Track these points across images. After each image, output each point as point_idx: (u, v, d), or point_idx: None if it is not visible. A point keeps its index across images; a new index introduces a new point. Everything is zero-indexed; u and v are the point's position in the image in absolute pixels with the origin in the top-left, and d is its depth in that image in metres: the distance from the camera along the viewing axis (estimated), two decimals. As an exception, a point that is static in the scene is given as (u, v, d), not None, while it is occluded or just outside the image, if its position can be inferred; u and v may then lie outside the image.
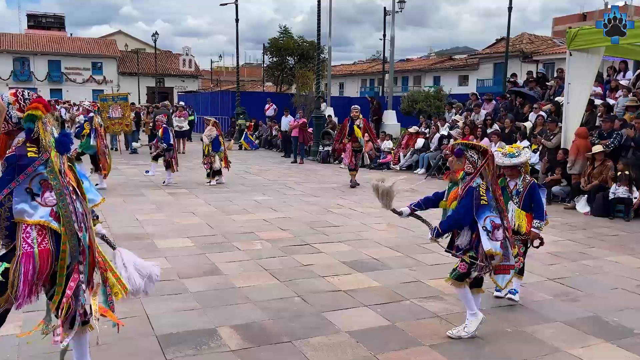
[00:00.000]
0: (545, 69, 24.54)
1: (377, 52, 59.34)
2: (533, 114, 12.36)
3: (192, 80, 56.02)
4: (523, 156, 4.44)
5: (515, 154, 4.43)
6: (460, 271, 3.91)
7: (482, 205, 3.85)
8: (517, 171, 4.52)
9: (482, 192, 3.86)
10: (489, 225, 3.84)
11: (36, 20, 57.84)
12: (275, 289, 4.90)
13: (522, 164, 4.48)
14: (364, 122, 11.25)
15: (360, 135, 10.95)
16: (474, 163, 3.92)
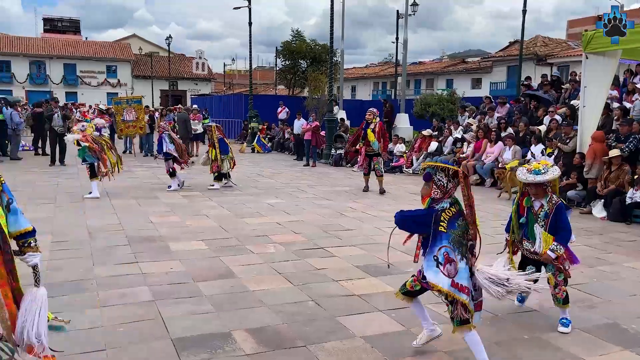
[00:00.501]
0: (560, 72, 24.35)
1: (389, 55, 59.26)
2: (548, 118, 12.25)
3: (205, 84, 56.42)
4: (550, 174, 4.03)
5: (542, 170, 4.03)
6: (408, 288, 3.78)
7: (439, 232, 3.42)
8: (543, 190, 4.08)
9: (443, 217, 3.43)
10: (441, 256, 3.40)
11: (52, 24, 58.63)
12: (289, 293, 4.89)
13: (548, 182, 4.07)
14: (379, 125, 10.88)
15: (372, 139, 10.69)
16: (442, 187, 3.53)
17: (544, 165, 4.10)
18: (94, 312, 4.30)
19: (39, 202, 8.95)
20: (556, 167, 4.14)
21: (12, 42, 50.64)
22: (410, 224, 3.67)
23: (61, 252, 5.97)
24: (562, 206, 4.10)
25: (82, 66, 51.32)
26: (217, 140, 10.87)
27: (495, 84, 38.76)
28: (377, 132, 10.72)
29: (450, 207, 3.49)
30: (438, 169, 3.62)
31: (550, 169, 4.06)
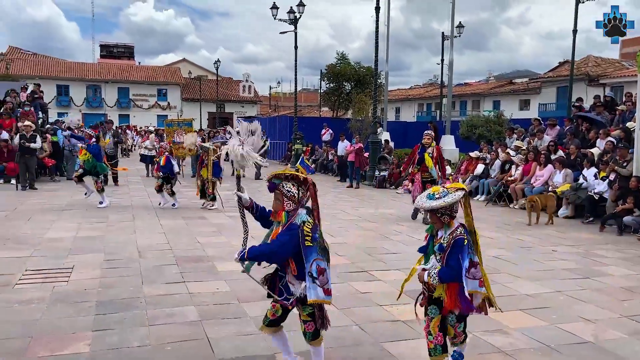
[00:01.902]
0: (614, 93, 23.51)
1: (434, 77, 59.00)
2: (600, 140, 11.83)
3: (251, 106, 57.61)
4: (447, 198, 3.27)
5: (435, 195, 3.33)
6: (270, 317, 3.63)
7: (307, 247, 3.29)
8: (438, 220, 3.35)
9: (307, 231, 3.29)
10: (314, 270, 3.29)
11: (108, 50, 61.59)
12: (333, 317, 4.83)
13: (442, 208, 3.29)
14: (436, 150, 10.06)
15: (431, 164, 9.85)
16: (293, 197, 3.35)
17: (443, 190, 3.38)
18: (143, 330, 4.40)
19: (92, 222, 9.29)
20: (458, 193, 3.30)
21: (71, 67, 53.44)
22: (265, 258, 3.49)
23: (112, 271, 6.16)
24: (460, 242, 3.27)
25: (135, 90, 53.48)
26: (212, 162, 10.90)
27: (544, 105, 37.80)
28: (435, 157, 9.95)
29: (308, 217, 3.38)
30: (284, 178, 3.42)
31: (451, 194, 3.30)
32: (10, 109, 16.20)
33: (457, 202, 3.31)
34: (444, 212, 3.31)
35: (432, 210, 3.34)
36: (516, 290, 5.74)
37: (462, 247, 3.26)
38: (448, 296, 3.35)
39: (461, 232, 3.31)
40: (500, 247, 7.99)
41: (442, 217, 3.33)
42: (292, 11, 24.16)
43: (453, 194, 3.31)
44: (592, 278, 6.30)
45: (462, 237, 3.28)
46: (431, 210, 3.36)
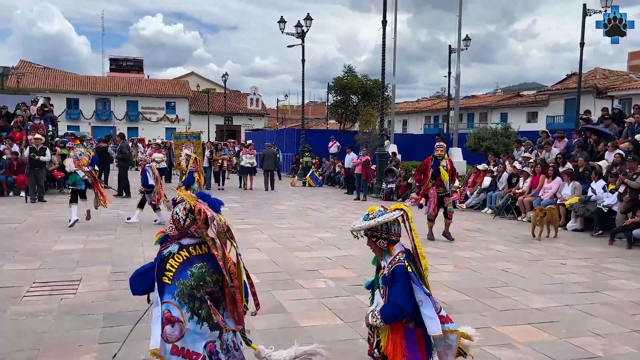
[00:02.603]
0: (622, 105, 23.42)
1: (441, 89, 59.06)
2: (609, 153, 11.77)
3: (259, 119, 57.86)
4: (380, 218, 2.85)
5: (370, 215, 2.91)
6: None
7: (163, 284, 2.69)
8: (374, 245, 2.93)
9: (169, 266, 2.70)
10: (160, 315, 2.67)
11: (117, 64, 62.26)
12: (340, 330, 4.84)
13: (375, 231, 2.88)
14: (449, 162, 9.58)
15: (446, 178, 9.29)
16: (177, 222, 2.84)
17: (380, 210, 2.93)
18: (149, 344, 4.39)
19: (100, 234, 9.33)
20: (393, 213, 2.88)
21: (81, 81, 54.04)
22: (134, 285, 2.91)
23: (119, 283, 6.16)
24: (398, 270, 2.80)
25: (144, 103, 53.92)
26: (187, 171, 10.65)
27: (552, 117, 37.73)
28: (449, 170, 9.44)
29: (181, 250, 2.75)
30: (180, 200, 2.91)
31: (387, 214, 2.87)
32: (20, 122, 16.39)
33: (394, 224, 2.87)
34: (379, 236, 2.87)
35: (367, 233, 2.91)
36: (525, 304, 5.69)
37: (402, 276, 2.77)
38: (391, 343, 2.80)
39: (401, 258, 2.84)
40: (508, 260, 7.94)
41: (378, 241, 2.89)
42: (299, 25, 24.37)
43: (389, 213, 2.88)
44: (601, 292, 6.23)
45: (401, 264, 2.80)
46: (366, 234, 2.92)
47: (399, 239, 2.90)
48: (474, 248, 8.80)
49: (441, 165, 9.31)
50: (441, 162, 9.36)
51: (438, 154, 9.38)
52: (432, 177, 9.35)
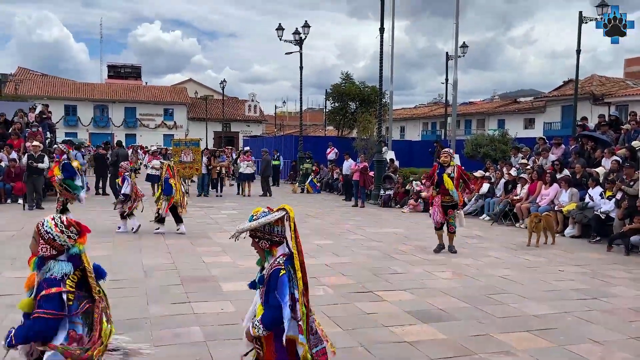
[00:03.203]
0: (619, 112, 23.56)
1: (439, 96, 59.23)
2: (606, 159, 11.82)
3: (257, 125, 57.98)
4: (262, 219, 2.85)
5: (254, 217, 2.90)
6: None
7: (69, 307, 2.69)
8: (257, 245, 2.90)
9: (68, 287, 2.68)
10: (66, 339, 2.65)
11: (116, 71, 62.41)
12: (338, 337, 4.83)
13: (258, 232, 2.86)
14: (458, 170, 8.92)
15: (451, 186, 8.68)
16: (52, 241, 2.72)
17: (265, 210, 2.94)
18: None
19: (99, 241, 9.31)
20: (276, 213, 2.88)
21: (79, 88, 54.11)
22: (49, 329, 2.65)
23: (118, 291, 6.16)
24: (276, 273, 2.77)
25: (142, 109, 54.00)
26: (163, 179, 10.26)
27: (549, 124, 37.87)
28: (456, 178, 8.80)
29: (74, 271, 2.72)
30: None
31: (269, 215, 2.88)
32: (18, 129, 16.39)
33: (277, 225, 2.86)
34: (261, 237, 2.85)
35: (251, 234, 2.88)
36: (523, 311, 5.70)
37: (277, 279, 2.74)
38: (266, 345, 2.79)
39: (280, 261, 2.81)
40: (506, 267, 7.95)
41: (260, 242, 2.87)
42: (297, 32, 24.45)
43: (271, 214, 2.87)
44: (599, 299, 6.25)
45: (278, 268, 2.78)
46: (250, 236, 2.89)
47: (283, 240, 2.90)
48: (472, 255, 8.81)
49: (446, 172, 8.77)
50: (447, 169, 8.82)
51: (442, 160, 8.92)
52: (437, 185, 8.92)
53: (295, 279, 2.78)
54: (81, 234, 2.82)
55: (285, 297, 2.71)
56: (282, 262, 2.80)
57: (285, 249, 2.89)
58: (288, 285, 2.74)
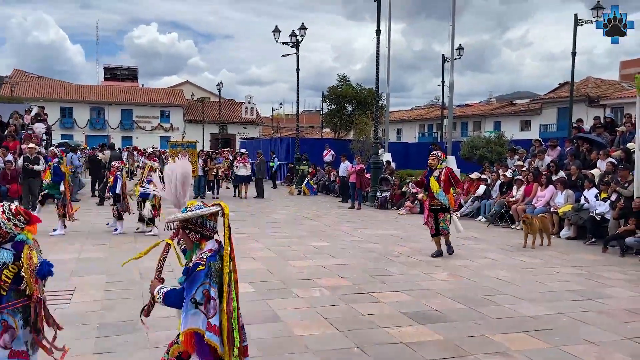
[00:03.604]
0: (614, 114, 23.64)
1: (435, 98, 59.36)
2: (601, 161, 11.87)
3: (254, 127, 57.90)
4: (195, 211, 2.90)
5: (188, 208, 2.94)
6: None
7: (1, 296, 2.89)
8: (187, 237, 2.94)
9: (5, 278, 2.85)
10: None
11: (112, 73, 62.22)
12: (335, 339, 4.84)
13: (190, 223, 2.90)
14: (445, 172, 8.64)
15: (436, 189, 8.51)
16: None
17: (199, 204, 2.98)
18: (144, 353, 4.39)
19: (95, 243, 9.30)
20: (210, 207, 2.93)
21: (75, 90, 53.97)
22: None
23: (114, 293, 6.16)
24: (194, 267, 2.80)
25: (138, 112, 53.86)
26: (144, 181, 10.22)
27: (545, 126, 37.98)
28: (443, 180, 8.56)
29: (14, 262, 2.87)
30: None
31: (204, 208, 2.91)
32: (14, 131, 16.34)
33: (210, 220, 2.90)
34: (192, 229, 2.89)
35: (182, 225, 2.92)
36: (518, 312, 5.71)
37: (194, 273, 2.76)
38: (183, 332, 2.79)
39: (204, 256, 2.82)
40: (502, 268, 7.97)
41: (191, 234, 2.90)
42: (294, 34, 24.48)
43: (206, 208, 2.91)
44: (595, 300, 6.27)
45: (199, 262, 2.79)
46: (182, 227, 2.92)
47: (213, 236, 2.93)
48: (468, 256, 8.83)
49: (433, 175, 8.67)
50: (434, 172, 8.71)
51: (429, 163, 8.84)
52: (426, 188, 8.84)
53: (222, 274, 2.80)
54: (30, 223, 2.91)
55: (191, 291, 2.74)
56: (205, 257, 2.82)
57: (214, 244, 2.91)
58: (201, 281, 2.75)
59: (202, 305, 2.73)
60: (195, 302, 2.73)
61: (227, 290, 2.79)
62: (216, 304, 2.77)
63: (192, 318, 2.74)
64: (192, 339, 2.77)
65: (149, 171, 10.52)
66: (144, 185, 10.27)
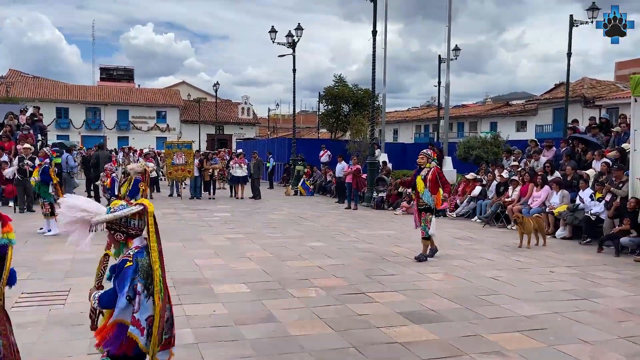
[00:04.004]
0: (609, 114, 23.77)
1: (431, 98, 59.52)
2: (596, 162, 11.92)
3: (250, 128, 57.89)
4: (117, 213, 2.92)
5: (111, 209, 2.98)
6: None
7: None
8: (113, 238, 3.00)
9: None
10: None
11: (108, 73, 62.14)
12: (330, 339, 4.85)
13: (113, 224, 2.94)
14: (434, 172, 8.38)
15: (421, 189, 8.37)
16: None
17: (122, 204, 3.00)
18: (139, 354, 4.37)
19: (91, 243, 9.26)
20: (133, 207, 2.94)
21: (70, 90, 53.83)
22: None
23: (109, 293, 6.14)
24: (122, 264, 2.88)
25: (134, 112, 53.78)
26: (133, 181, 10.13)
27: (541, 126, 38.09)
28: (430, 180, 8.34)
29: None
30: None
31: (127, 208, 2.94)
32: (9, 131, 16.29)
33: (134, 218, 2.92)
34: (117, 229, 2.93)
35: (108, 226, 2.94)
36: (514, 312, 5.73)
37: (121, 270, 2.84)
38: (102, 325, 2.95)
39: (131, 253, 2.89)
40: (497, 268, 7.99)
41: (116, 234, 2.95)
42: (290, 35, 24.49)
43: (129, 208, 2.94)
44: (589, 299, 6.29)
45: (125, 259, 2.87)
46: (107, 228, 2.95)
47: (140, 233, 2.97)
48: (464, 256, 8.85)
49: (420, 175, 8.49)
50: (422, 171, 8.50)
51: (418, 161, 8.61)
52: (413, 187, 8.68)
53: (152, 270, 2.84)
54: (3, 224, 2.92)
55: (124, 288, 2.81)
56: (132, 253, 2.88)
57: (142, 241, 2.95)
58: (131, 277, 2.82)
59: (134, 299, 2.82)
60: (130, 298, 2.82)
61: (157, 285, 2.85)
62: (141, 299, 2.83)
63: (122, 312, 2.83)
64: (115, 329, 2.86)
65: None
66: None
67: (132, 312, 2.82)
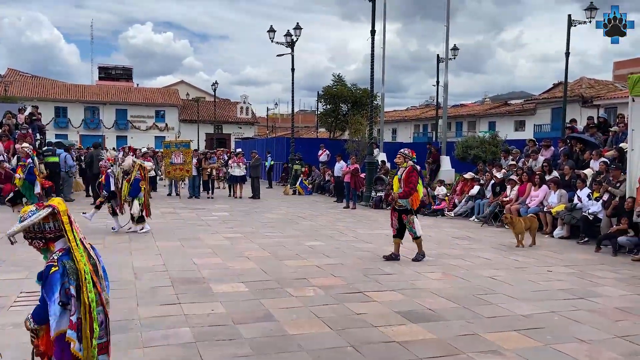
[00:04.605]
0: (607, 114, 23.79)
1: (430, 98, 59.54)
2: (594, 161, 11.94)
3: (249, 127, 57.90)
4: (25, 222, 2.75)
5: (21, 218, 2.80)
6: None
7: None
8: (33, 245, 2.84)
9: None
10: None
11: (107, 72, 62.11)
12: (328, 338, 4.86)
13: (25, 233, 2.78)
14: (407, 171, 8.16)
15: (396, 189, 8.30)
16: None
17: (32, 209, 2.81)
18: (138, 352, 4.39)
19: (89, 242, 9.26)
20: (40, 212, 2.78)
21: (69, 89, 53.77)
22: None
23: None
24: (46, 271, 2.74)
25: (133, 111, 53.74)
26: (133, 180, 10.20)
27: (539, 126, 38.12)
28: (403, 179, 8.14)
29: None
30: None
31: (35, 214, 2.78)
32: (8, 131, 16.27)
33: (48, 222, 2.79)
34: (34, 237, 2.78)
35: (24, 236, 2.79)
36: (511, 311, 5.75)
37: (47, 277, 2.70)
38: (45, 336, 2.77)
39: (54, 257, 2.75)
40: (495, 267, 8.01)
41: (34, 242, 2.79)
42: (289, 34, 24.48)
43: (38, 212, 2.77)
44: (587, 299, 6.31)
45: (50, 265, 2.72)
46: (24, 237, 2.80)
47: (60, 234, 2.83)
48: (461, 256, 8.87)
49: (397, 174, 8.39)
50: (399, 170, 8.37)
51: (395, 161, 8.47)
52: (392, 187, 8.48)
53: (77, 270, 2.73)
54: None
55: (53, 295, 2.68)
56: (56, 257, 2.75)
57: (65, 243, 2.82)
58: (60, 281, 2.70)
59: (68, 304, 2.71)
60: (63, 304, 2.70)
61: (85, 284, 2.74)
62: (74, 300, 2.73)
63: (60, 321, 2.70)
64: (56, 344, 2.73)
65: (137, 170, 10.46)
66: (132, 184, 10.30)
67: (70, 315, 2.70)
